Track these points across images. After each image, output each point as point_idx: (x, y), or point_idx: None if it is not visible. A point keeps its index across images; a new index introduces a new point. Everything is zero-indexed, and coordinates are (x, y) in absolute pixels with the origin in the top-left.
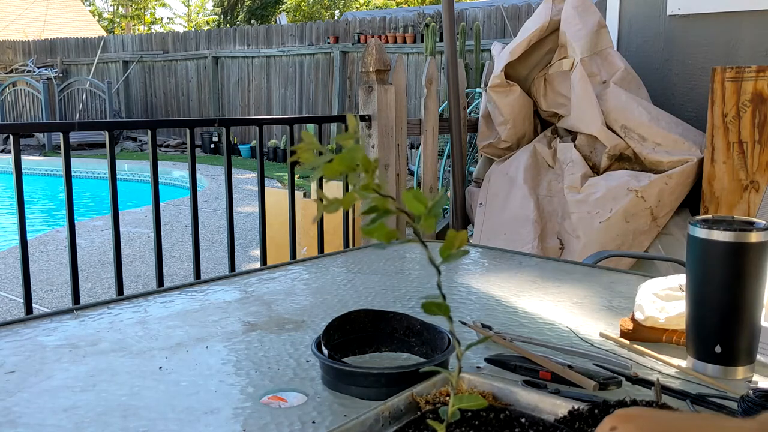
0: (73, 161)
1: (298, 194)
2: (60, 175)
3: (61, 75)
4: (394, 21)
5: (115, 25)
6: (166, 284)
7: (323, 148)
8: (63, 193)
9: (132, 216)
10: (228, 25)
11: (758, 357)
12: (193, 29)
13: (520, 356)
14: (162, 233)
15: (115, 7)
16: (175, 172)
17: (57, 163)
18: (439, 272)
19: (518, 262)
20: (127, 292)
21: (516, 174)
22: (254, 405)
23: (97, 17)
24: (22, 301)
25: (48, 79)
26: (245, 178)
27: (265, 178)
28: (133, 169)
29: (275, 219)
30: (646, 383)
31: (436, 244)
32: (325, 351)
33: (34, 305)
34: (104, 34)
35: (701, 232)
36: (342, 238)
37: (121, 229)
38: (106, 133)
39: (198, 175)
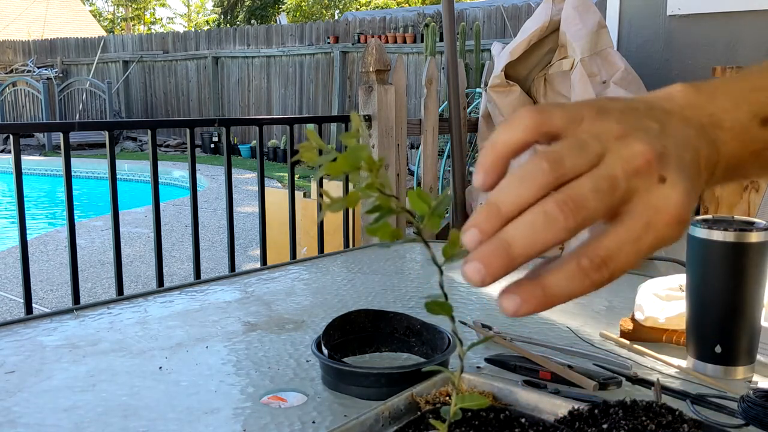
0: (73, 161)
1: (298, 194)
2: (60, 175)
3: (61, 75)
4: (394, 21)
5: (115, 25)
6: (166, 284)
7: (327, 147)
8: (63, 193)
9: (132, 216)
10: (228, 25)
11: (758, 357)
12: (193, 29)
13: (520, 356)
14: (162, 233)
15: (116, 7)
16: (175, 172)
17: (57, 163)
18: (442, 272)
19: None
20: (127, 292)
21: None
22: (254, 405)
23: (96, 17)
24: (22, 301)
25: (48, 79)
26: (245, 178)
27: (265, 178)
28: (133, 169)
29: (275, 219)
30: (646, 383)
31: (438, 244)
32: (325, 351)
33: (34, 305)
34: (104, 34)
35: (701, 232)
36: (342, 238)
37: (121, 229)
38: (106, 133)
39: (198, 175)
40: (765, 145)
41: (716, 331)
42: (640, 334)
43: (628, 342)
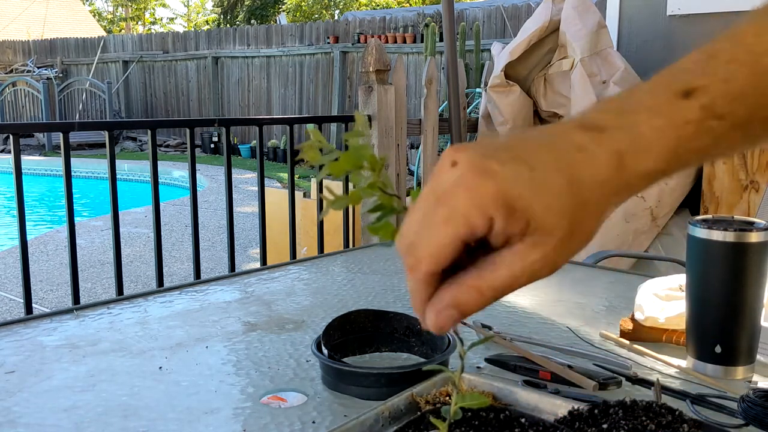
0: (73, 161)
1: (298, 194)
2: (60, 175)
3: (61, 75)
4: (394, 21)
5: (113, 25)
6: (166, 284)
7: (330, 146)
8: (63, 193)
9: (132, 216)
10: (228, 25)
11: (758, 357)
12: (193, 29)
13: (520, 356)
14: (162, 233)
15: (115, 7)
16: (175, 172)
17: (57, 163)
18: None
19: None
20: (127, 292)
21: None
22: (254, 405)
23: (96, 17)
24: (22, 301)
25: (48, 79)
26: (245, 178)
27: (265, 178)
28: (133, 169)
29: (275, 219)
30: (646, 383)
31: None
32: (325, 351)
33: (34, 305)
34: (104, 34)
35: (701, 232)
36: (342, 238)
37: (121, 229)
38: (106, 133)
39: (198, 175)
40: (700, 114)
41: (716, 331)
42: (640, 334)
43: (628, 342)
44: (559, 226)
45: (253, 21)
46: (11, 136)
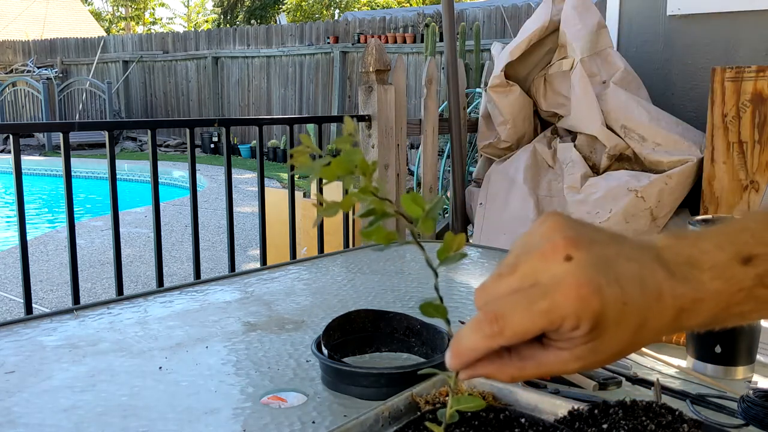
0: (73, 161)
1: (298, 194)
2: (60, 175)
3: (61, 75)
4: (394, 21)
5: (112, 25)
6: (166, 284)
7: (320, 151)
8: (63, 193)
9: (132, 216)
10: (228, 25)
11: (758, 357)
12: (192, 29)
13: None
14: (162, 233)
15: (115, 7)
16: (175, 172)
17: (57, 163)
18: (437, 274)
19: None
20: (127, 292)
21: (516, 174)
22: (254, 405)
23: (96, 18)
24: (22, 301)
25: (48, 79)
26: (245, 178)
27: (265, 178)
28: (133, 169)
29: (275, 219)
30: (646, 383)
31: (436, 245)
32: (325, 351)
33: (34, 305)
34: (104, 34)
35: None
36: (342, 238)
37: (121, 229)
38: (106, 133)
39: (198, 175)
40: (753, 282)
41: (716, 331)
42: None
43: None
44: (612, 352)
45: (253, 21)
46: (11, 136)
